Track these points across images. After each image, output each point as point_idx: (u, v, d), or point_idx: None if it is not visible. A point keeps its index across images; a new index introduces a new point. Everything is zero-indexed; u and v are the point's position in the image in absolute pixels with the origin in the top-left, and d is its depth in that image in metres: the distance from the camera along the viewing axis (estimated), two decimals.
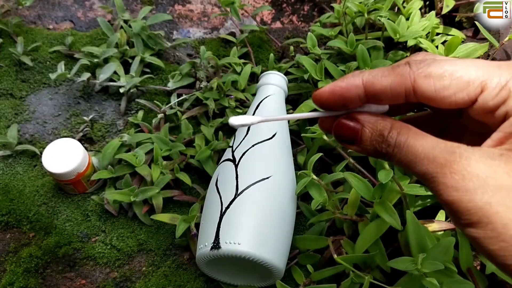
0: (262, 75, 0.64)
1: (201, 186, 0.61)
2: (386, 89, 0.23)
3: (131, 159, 0.59)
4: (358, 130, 0.24)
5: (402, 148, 0.22)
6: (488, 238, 0.20)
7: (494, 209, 0.20)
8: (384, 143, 0.23)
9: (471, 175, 0.20)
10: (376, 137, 0.24)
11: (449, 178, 0.20)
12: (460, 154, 0.21)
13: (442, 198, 0.21)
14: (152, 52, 0.72)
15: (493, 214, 0.20)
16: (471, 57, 0.64)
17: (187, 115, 0.66)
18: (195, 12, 0.81)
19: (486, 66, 0.22)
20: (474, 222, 0.20)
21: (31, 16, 0.79)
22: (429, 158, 0.21)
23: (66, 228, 0.59)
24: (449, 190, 0.20)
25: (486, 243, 0.20)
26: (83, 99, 0.70)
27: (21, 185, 0.62)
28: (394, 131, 0.23)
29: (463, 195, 0.20)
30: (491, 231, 0.20)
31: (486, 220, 0.20)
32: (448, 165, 0.21)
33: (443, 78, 0.22)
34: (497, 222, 0.20)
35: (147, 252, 0.58)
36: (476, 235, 0.20)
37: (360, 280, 0.48)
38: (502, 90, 0.21)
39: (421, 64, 0.23)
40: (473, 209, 0.20)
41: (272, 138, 0.55)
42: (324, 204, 0.51)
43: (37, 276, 0.55)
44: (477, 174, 0.20)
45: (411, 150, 0.22)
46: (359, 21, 0.70)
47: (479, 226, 0.20)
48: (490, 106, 0.22)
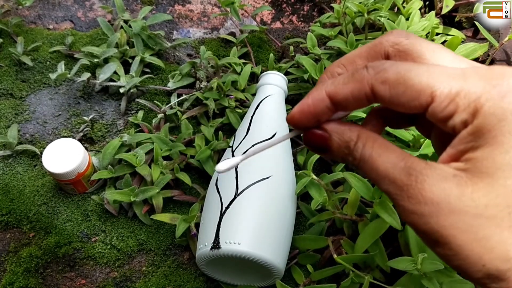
0: (262, 75, 0.64)
1: (201, 186, 0.61)
2: (348, 97, 0.23)
3: (131, 159, 0.59)
4: (326, 139, 0.24)
5: (366, 163, 0.23)
6: (450, 255, 0.21)
7: (448, 232, 0.20)
8: (351, 156, 0.23)
9: (426, 199, 0.21)
10: (343, 148, 0.24)
11: (406, 202, 0.21)
12: (416, 178, 0.21)
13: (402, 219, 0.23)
14: (152, 52, 0.72)
15: (448, 236, 0.21)
16: (471, 58, 0.64)
17: (187, 115, 0.66)
18: (195, 12, 0.81)
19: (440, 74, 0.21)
20: (433, 242, 0.21)
21: (31, 16, 0.79)
22: (389, 178, 0.22)
23: (66, 228, 0.59)
24: (406, 213, 0.21)
25: (450, 259, 0.21)
26: (83, 99, 0.70)
27: (21, 185, 0.62)
28: (360, 143, 0.23)
29: (419, 219, 0.21)
30: (448, 250, 0.21)
31: (442, 241, 0.21)
32: (405, 188, 0.21)
33: (398, 85, 0.22)
34: (452, 243, 0.21)
35: (147, 252, 0.58)
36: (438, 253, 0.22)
37: (360, 280, 0.48)
38: (451, 103, 0.21)
39: (379, 67, 0.22)
40: (430, 231, 0.21)
41: (272, 138, 0.55)
42: (324, 204, 0.51)
43: (37, 276, 0.55)
44: (431, 199, 0.21)
45: (374, 167, 0.23)
46: (359, 21, 0.70)
47: (438, 245, 0.21)
48: (439, 118, 0.22)
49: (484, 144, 0.20)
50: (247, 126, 0.57)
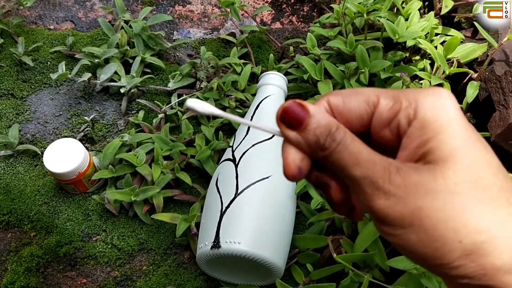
0: (262, 76, 0.65)
1: (201, 186, 0.61)
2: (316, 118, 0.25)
3: (132, 158, 0.59)
4: (304, 118, 0.24)
5: (346, 148, 0.23)
6: (421, 241, 0.21)
7: (425, 212, 0.21)
8: (330, 137, 0.24)
9: (405, 184, 0.22)
10: (321, 130, 0.24)
11: (388, 185, 0.22)
12: (396, 165, 0.22)
13: (376, 204, 0.22)
14: (152, 52, 0.72)
15: (424, 217, 0.21)
16: (470, 57, 0.64)
17: (187, 115, 0.66)
18: (196, 12, 0.81)
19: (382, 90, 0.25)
20: (406, 227, 0.22)
21: (32, 17, 0.79)
22: (372, 162, 0.23)
23: (67, 228, 0.59)
24: (387, 195, 0.22)
25: (420, 246, 0.21)
26: (84, 99, 0.70)
27: (22, 184, 0.62)
28: (341, 130, 0.24)
29: (398, 201, 0.22)
30: (423, 233, 0.21)
31: (417, 223, 0.21)
32: (387, 173, 0.22)
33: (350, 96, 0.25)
34: (428, 224, 0.21)
35: (147, 251, 0.58)
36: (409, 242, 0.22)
37: (359, 279, 0.48)
38: (395, 103, 0.24)
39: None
40: (406, 213, 0.21)
41: (272, 138, 0.55)
42: (323, 203, 0.52)
43: (38, 275, 0.56)
44: (409, 183, 0.22)
45: (355, 151, 0.23)
46: (358, 22, 0.70)
47: (411, 231, 0.21)
48: (385, 119, 0.24)
49: (433, 135, 0.22)
50: (247, 126, 0.58)
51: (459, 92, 0.66)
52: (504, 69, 0.59)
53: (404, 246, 0.22)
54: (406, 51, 0.67)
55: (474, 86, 0.61)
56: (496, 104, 0.58)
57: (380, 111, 0.24)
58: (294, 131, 0.25)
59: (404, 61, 0.67)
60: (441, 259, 0.21)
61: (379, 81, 0.64)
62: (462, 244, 0.21)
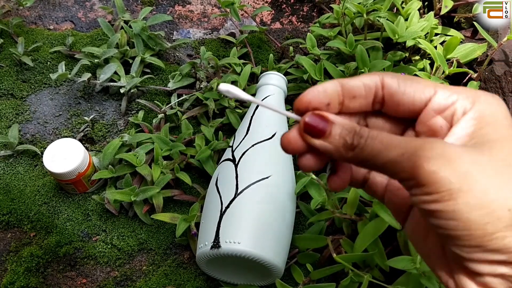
0: (261, 76, 0.65)
1: (201, 186, 0.61)
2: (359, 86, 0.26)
3: (132, 159, 0.59)
4: (327, 128, 0.25)
5: (376, 138, 0.23)
6: (468, 207, 0.20)
7: (475, 177, 0.21)
8: (357, 135, 0.24)
9: (448, 152, 0.21)
10: (346, 132, 0.24)
11: (430, 151, 0.21)
12: (433, 140, 0.22)
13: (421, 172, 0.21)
14: (152, 52, 0.72)
15: (474, 182, 0.21)
16: (470, 57, 0.64)
17: (187, 115, 0.66)
18: (195, 12, 0.81)
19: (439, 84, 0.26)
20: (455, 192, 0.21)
21: (32, 17, 0.79)
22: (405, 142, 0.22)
23: (67, 228, 0.59)
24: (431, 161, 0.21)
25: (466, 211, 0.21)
26: (83, 99, 0.70)
27: (22, 184, 0.62)
28: (365, 129, 0.24)
29: (444, 166, 0.21)
30: (472, 198, 0.20)
31: (467, 187, 0.20)
32: (427, 142, 0.22)
33: (406, 81, 0.26)
34: (477, 189, 0.20)
35: (147, 251, 0.58)
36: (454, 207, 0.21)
37: (359, 279, 0.48)
38: (451, 95, 0.25)
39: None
40: (454, 177, 0.21)
41: (272, 138, 0.55)
42: (323, 203, 0.52)
43: (38, 275, 0.56)
44: (453, 151, 0.21)
45: (385, 139, 0.23)
46: (358, 22, 0.70)
47: (459, 196, 0.21)
48: (441, 107, 0.25)
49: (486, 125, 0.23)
50: (247, 126, 0.58)
51: None
52: (504, 69, 0.59)
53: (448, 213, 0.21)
54: (405, 51, 0.67)
55: (473, 86, 0.61)
56: None
57: (437, 100, 0.25)
58: (319, 139, 0.25)
59: (403, 61, 0.67)
60: (485, 228, 0.20)
61: None
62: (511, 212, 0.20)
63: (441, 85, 0.25)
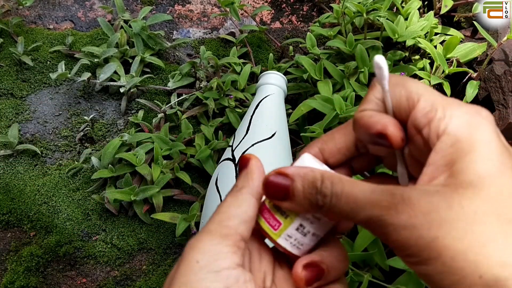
0: (261, 75, 0.65)
1: (201, 185, 0.61)
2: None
3: (132, 158, 0.59)
4: (288, 186, 0.23)
5: (341, 197, 0.22)
6: (440, 273, 0.20)
7: (441, 243, 0.19)
8: (320, 194, 0.22)
9: (415, 212, 0.20)
10: (309, 190, 0.23)
11: (396, 218, 0.20)
12: (401, 195, 0.21)
13: (392, 240, 0.21)
14: (152, 52, 0.72)
15: (441, 247, 0.19)
16: (470, 57, 0.64)
17: (187, 114, 0.66)
18: (195, 12, 0.81)
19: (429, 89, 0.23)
20: (424, 259, 0.20)
21: (32, 16, 0.79)
22: (372, 202, 0.21)
23: (66, 227, 0.59)
24: (398, 230, 0.20)
25: (439, 279, 0.20)
26: (83, 99, 0.70)
27: (21, 184, 0.62)
28: (327, 181, 0.22)
29: (411, 233, 0.20)
30: (441, 265, 0.20)
31: (435, 254, 0.20)
32: (392, 206, 0.20)
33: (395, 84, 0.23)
34: (446, 255, 0.19)
35: (147, 251, 0.58)
36: (428, 272, 0.20)
37: (359, 279, 0.48)
38: (430, 111, 0.22)
39: None
40: (422, 245, 0.20)
41: (272, 138, 0.55)
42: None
43: (38, 275, 0.56)
44: (420, 211, 0.20)
45: (351, 198, 0.21)
46: (358, 21, 0.70)
47: (430, 263, 0.20)
48: (420, 124, 0.22)
49: (462, 155, 0.21)
50: (246, 126, 0.58)
51: (459, 91, 0.66)
52: (504, 68, 0.59)
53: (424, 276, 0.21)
54: (405, 50, 0.67)
55: (473, 85, 0.61)
56: (496, 103, 0.58)
57: (416, 114, 0.22)
58: (286, 202, 0.24)
59: (403, 60, 0.67)
60: None
61: None
62: (483, 279, 0.19)
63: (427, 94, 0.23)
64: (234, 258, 0.23)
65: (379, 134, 0.23)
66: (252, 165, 0.27)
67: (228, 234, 0.23)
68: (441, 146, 0.21)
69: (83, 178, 0.63)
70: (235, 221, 0.24)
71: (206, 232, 0.24)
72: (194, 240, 0.24)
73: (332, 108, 0.56)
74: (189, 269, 0.22)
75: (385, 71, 0.23)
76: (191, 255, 0.23)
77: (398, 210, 0.20)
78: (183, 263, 0.23)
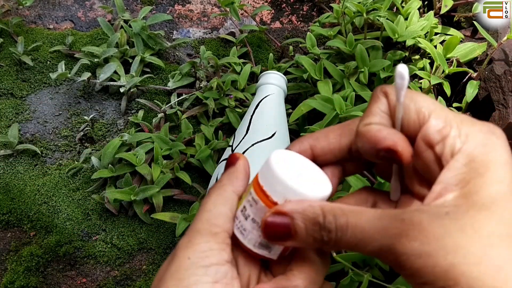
0: (261, 75, 0.65)
1: (201, 185, 0.61)
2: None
3: (132, 158, 0.59)
4: (289, 224, 0.22)
5: (347, 231, 0.21)
6: None
7: (458, 270, 0.19)
8: (324, 231, 0.21)
9: (428, 239, 0.19)
10: (312, 227, 0.22)
11: (408, 247, 0.19)
12: (410, 220, 0.20)
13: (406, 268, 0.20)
14: (152, 52, 0.72)
15: (459, 275, 0.19)
16: (470, 57, 0.64)
17: (187, 114, 0.66)
18: (195, 12, 0.81)
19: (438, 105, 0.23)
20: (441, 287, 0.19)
21: (32, 16, 0.79)
22: (380, 231, 0.20)
23: (66, 227, 0.59)
24: (412, 259, 0.19)
25: None
26: (83, 99, 0.70)
27: (21, 184, 0.62)
28: (329, 215, 0.21)
29: (427, 261, 0.19)
30: None
31: (452, 283, 0.19)
32: (403, 233, 0.20)
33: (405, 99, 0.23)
34: (463, 282, 0.19)
35: (147, 251, 0.58)
36: None
37: (359, 278, 0.48)
38: (444, 128, 0.21)
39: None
40: (438, 273, 0.19)
41: (272, 138, 0.55)
42: None
43: (38, 275, 0.56)
44: (433, 236, 0.19)
45: (357, 229, 0.21)
46: (358, 21, 0.70)
47: None
48: (432, 140, 0.22)
49: (477, 176, 0.20)
50: (246, 126, 0.58)
51: (459, 91, 0.66)
52: (504, 68, 0.59)
53: None
54: (405, 50, 0.67)
55: (473, 85, 0.61)
56: (496, 103, 0.58)
57: (428, 130, 0.22)
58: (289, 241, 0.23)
59: (403, 60, 0.67)
60: None
61: (378, 80, 0.64)
62: None
63: (438, 111, 0.22)
64: (223, 255, 0.23)
65: (388, 149, 0.22)
66: (239, 165, 0.27)
67: (217, 232, 0.24)
68: (455, 164, 0.21)
69: (83, 178, 0.63)
70: (222, 219, 0.24)
71: (196, 231, 0.24)
72: (185, 239, 0.24)
73: (332, 108, 0.56)
74: (180, 265, 0.23)
75: (406, 81, 0.22)
76: (182, 253, 0.23)
77: (409, 237, 0.19)
78: (175, 260, 0.23)
